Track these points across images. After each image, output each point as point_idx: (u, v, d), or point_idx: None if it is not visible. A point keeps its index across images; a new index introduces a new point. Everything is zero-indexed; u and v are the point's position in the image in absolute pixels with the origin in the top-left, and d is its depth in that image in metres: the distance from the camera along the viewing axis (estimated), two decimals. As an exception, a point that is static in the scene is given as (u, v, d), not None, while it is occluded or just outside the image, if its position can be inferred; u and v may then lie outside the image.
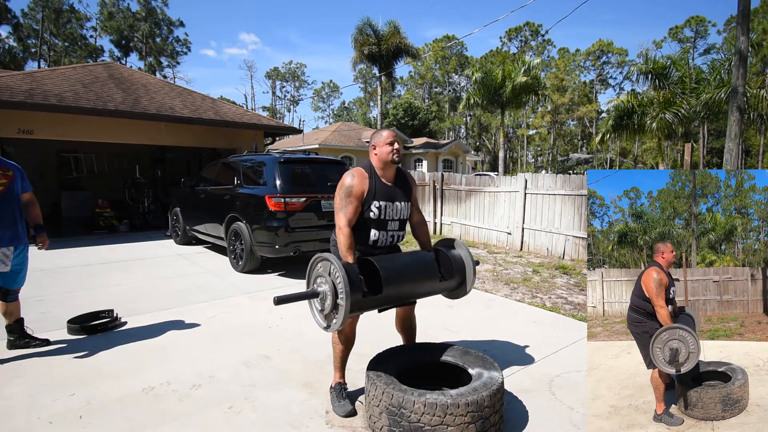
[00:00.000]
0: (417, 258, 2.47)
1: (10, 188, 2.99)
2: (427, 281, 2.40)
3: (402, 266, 2.33)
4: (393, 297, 2.26)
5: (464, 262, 2.53)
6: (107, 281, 5.18)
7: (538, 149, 51.27)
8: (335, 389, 2.43)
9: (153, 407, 2.42)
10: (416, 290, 2.39)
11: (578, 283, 5.53)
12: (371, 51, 18.80)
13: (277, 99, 62.84)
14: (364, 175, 2.33)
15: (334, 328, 2.11)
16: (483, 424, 1.97)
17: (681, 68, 13.74)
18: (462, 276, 2.52)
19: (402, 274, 2.28)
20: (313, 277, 2.23)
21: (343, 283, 1.99)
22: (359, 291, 2.07)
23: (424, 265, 2.42)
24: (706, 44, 41.97)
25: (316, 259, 2.20)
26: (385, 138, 2.36)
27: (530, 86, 17.61)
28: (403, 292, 2.30)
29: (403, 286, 2.28)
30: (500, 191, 8.14)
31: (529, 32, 47.98)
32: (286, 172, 5.45)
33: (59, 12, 40.43)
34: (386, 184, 2.38)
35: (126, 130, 8.81)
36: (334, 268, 2.07)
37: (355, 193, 2.28)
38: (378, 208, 2.32)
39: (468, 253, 2.54)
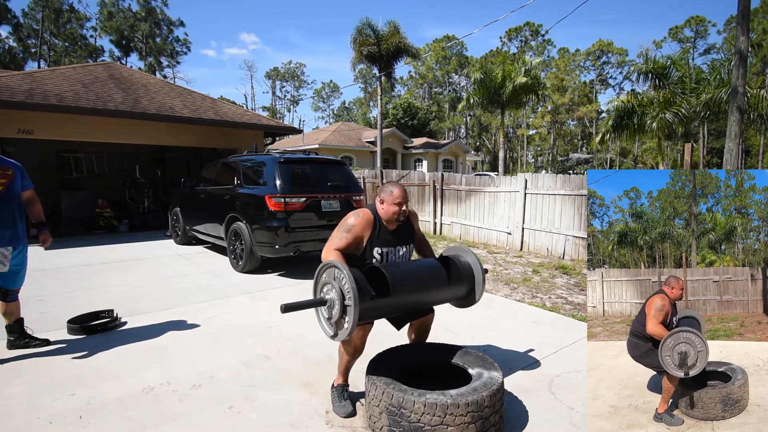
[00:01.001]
0: (423, 264, 2.42)
1: (10, 188, 2.98)
2: (435, 287, 2.34)
3: (409, 271, 2.30)
4: (401, 304, 2.23)
5: (473, 269, 2.46)
6: (107, 281, 5.18)
7: (538, 149, 51.27)
8: (337, 389, 2.42)
9: (153, 407, 2.42)
10: (425, 297, 2.34)
11: (578, 283, 5.52)
12: (371, 51, 18.79)
13: (277, 99, 62.89)
14: (369, 220, 2.31)
15: (342, 336, 2.05)
16: (483, 424, 1.97)
17: (681, 68, 13.74)
18: (471, 283, 2.46)
19: (409, 280, 2.23)
20: (320, 285, 2.18)
21: (351, 290, 1.93)
22: (367, 298, 2.02)
23: (431, 271, 2.36)
24: (706, 44, 42.00)
25: (323, 266, 2.15)
26: (394, 197, 2.31)
27: (530, 86, 17.61)
28: (412, 300, 2.26)
29: (412, 292, 2.23)
30: (500, 191, 8.14)
31: (529, 32, 47.98)
32: (286, 172, 5.45)
33: (59, 12, 40.43)
34: (389, 230, 2.37)
35: (126, 130, 8.81)
36: (342, 275, 2.02)
37: (355, 233, 2.28)
38: (380, 255, 2.33)
39: (476, 260, 2.48)
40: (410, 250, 2.47)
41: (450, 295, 2.44)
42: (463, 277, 2.43)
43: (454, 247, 2.62)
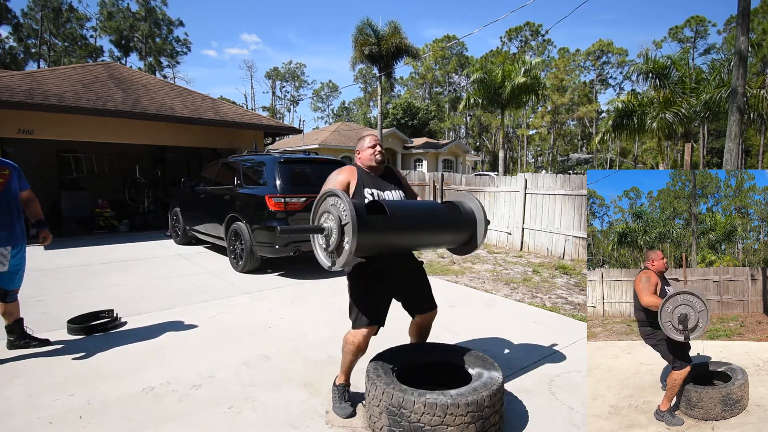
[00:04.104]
0: (424, 203, 2.48)
1: (7, 187, 2.98)
2: (435, 225, 2.34)
3: (408, 206, 2.33)
4: (402, 240, 2.22)
5: (475, 215, 2.45)
6: (107, 281, 5.18)
7: (538, 149, 51.26)
8: (338, 389, 2.42)
9: (153, 407, 2.42)
10: (425, 235, 2.33)
11: (578, 283, 5.52)
12: (371, 51, 18.79)
13: (277, 99, 62.89)
14: (351, 169, 2.38)
15: (340, 264, 2.02)
16: (483, 424, 1.97)
17: (681, 68, 13.73)
18: (473, 229, 2.44)
19: (409, 213, 2.25)
20: (319, 213, 2.15)
21: (349, 215, 1.89)
22: (366, 226, 1.96)
23: (433, 209, 2.39)
24: (706, 44, 41.99)
25: (323, 195, 2.13)
26: (367, 142, 2.45)
27: (530, 86, 17.61)
28: (412, 236, 2.25)
29: (411, 227, 2.23)
30: (500, 191, 8.14)
31: (529, 32, 47.97)
32: (286, 172, 5.45)
33: (58, 12, 40.41)
34: (374, 177, 2.43)
35: (126, 130, 8.81)
36: (340, 203, 1.98)
37: (341, 180, 2.30)
38: (372, 195, 2.34)
39: (479, 207, 2.47)
40: (401, 196, 2.48)
41: (451, 238, 2.43)
42: (465, 222, 2.42)
43: (459, 193, 2.62)
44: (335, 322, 3.74)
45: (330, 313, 4.10)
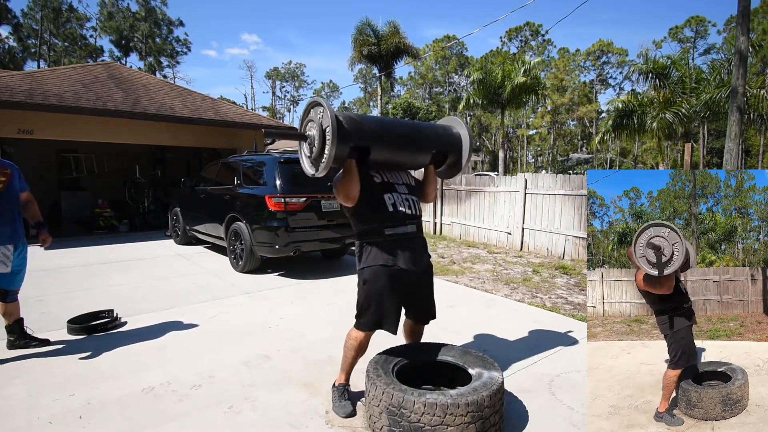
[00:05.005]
0: (413, 122, 2.60)
1: (9, 186, 2.99)
2: (420, 138, 2.44)
3: (393, 120, 2.52)
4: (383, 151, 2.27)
5: (462, 140, 2.56)
6: (107, 281, 5.18)
7: (538, 149, 51.24)
8: (338, 389, 2.42)
9: (153, 407, 2.42)
10: (408, 155, 2.41)
11: (578, 283, 5.53)
12: (371, 51, 18.80)
13: (277, 99, 62.88)
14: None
15: (322, 170, 2.12)
16: (483, 424, 1.96)
17: (681, 68, 13.73)
18: (459, 152, 2.56)
19: (392, 124, 2.41)
20: (305, 122, 2.23)
21: (330, 122, 2.00)
22: (347, 137, 2.06)
23: (419, 128, 2.49)
24: (706, 44, 41.93)
25: (308, 104, 2.20)
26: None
27: (530, 86, 17.60)
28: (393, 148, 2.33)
29: (393, 138, 2.32)
30: (500, 191, 8.14)
31: (529, 32, 47.94)
32: (286, 172, 5.45)
33: (58, 12, 40.39)
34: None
35: (126, 130, 8.81)
36: (323, 111, 2.07)
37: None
38: (378, 173, 2.38)
39: (467, 133, 2.57)
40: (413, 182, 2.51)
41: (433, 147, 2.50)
42: (451, 144, 2.53)
43: (450, 119, 2.71)
44: (335, 322, 3.74)
45: (330, 313, 4.10)
